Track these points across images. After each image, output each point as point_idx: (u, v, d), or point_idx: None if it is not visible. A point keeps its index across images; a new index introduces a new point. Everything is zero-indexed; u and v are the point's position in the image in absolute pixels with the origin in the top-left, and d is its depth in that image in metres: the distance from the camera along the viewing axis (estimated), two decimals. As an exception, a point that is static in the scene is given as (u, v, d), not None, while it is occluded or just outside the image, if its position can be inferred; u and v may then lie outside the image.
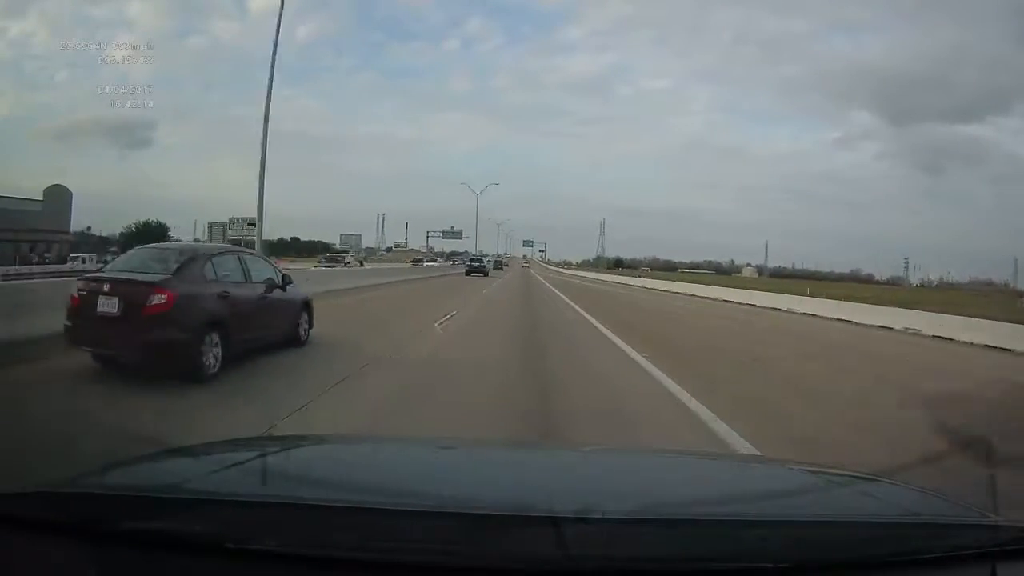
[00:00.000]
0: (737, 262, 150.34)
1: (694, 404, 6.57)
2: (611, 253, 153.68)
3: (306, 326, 9.47)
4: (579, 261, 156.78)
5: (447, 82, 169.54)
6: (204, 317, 6.74)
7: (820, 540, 1.19)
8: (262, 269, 8.78)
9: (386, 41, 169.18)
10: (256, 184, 19.02)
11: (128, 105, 19.89)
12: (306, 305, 9.57)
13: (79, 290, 6.68)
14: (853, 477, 1.71)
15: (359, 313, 15.15)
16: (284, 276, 9.26)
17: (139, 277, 6.72)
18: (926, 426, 5.97)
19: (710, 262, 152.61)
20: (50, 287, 9.20)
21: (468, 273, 49.45)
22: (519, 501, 1.37)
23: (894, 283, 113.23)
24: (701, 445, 4.89)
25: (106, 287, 6.51)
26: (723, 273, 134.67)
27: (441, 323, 13.37)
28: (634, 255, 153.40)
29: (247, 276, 8.15)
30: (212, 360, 6.70)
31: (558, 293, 30.40)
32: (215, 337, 6.77)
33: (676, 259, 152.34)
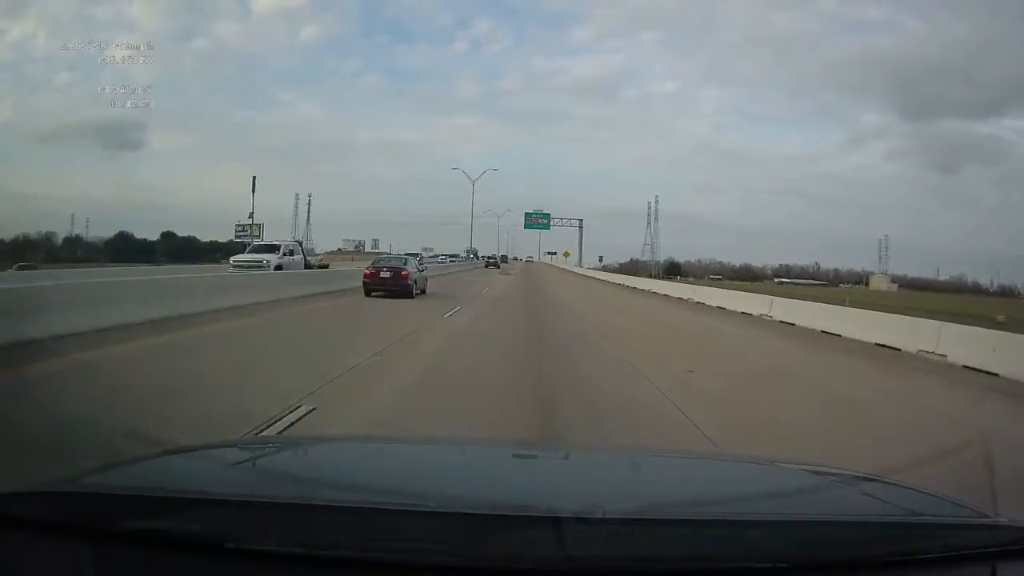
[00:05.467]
0: (818, 266, 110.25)
1: None
2: (637, 254, 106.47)
3: (427, 285, 23.95)
4: (594, 266, 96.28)
5: (454, 84, 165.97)
6: (414, 278, 21.44)
7: (820, 540, 1.19)
8: (419, 264, 25.63)
9: (392, 43, 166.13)
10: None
11: (128, 105, 20.47)
12: (427, 279, 24.81)
13: (370, 269, 21.44)
14: (853, 477, 1.71)
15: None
16: (424, 267, 27.69)
17: (394, 264, 21.87)
18: None
19: (788, 267, 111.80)
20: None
21: (486, 266, 70.65)
22: (520, 501, 1.37)
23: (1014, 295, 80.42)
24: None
25: (384, 267, 21.39)
26: (827, 283, 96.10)
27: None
28: (684, 259, 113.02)
29: (416, 267, 23.27)
30: (415, 292, 21.15)
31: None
32: (415, 286, 21.39)
33: (724, 260, 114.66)
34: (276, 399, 5.83)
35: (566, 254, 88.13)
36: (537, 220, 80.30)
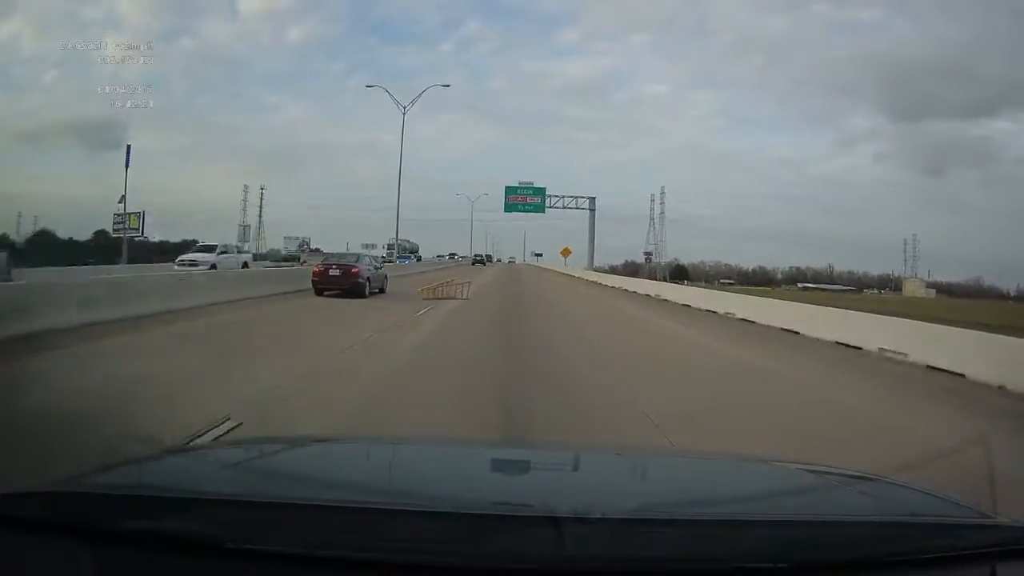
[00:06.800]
0: (835, 268, 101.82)
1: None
2: (625, 256, 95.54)
3: (387, 284, 22.57)
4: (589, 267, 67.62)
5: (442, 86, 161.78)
6: (366, 276, 20.04)
7: (820, 540, 1.19)
8: (375, 261, 25.34)
9: (380, 44, 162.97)
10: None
11: (128, 105, 20.11)
12: (386, 276, 23.05)
13: (319, 267, 20.20)
14: (853, 477, 1.71)
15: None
16: (382, 264, 27.88)
17: (345, 262, 20.35)
18: None
19: (800, 270, 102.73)
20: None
21: (473, 264, 72.42)
22: (519, 501, 1.37)
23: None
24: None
25: (333, 264, 20.05)
26: (854, 288, 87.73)
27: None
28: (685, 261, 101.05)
29: (372, 263, 22.68)
30: (367, 292, 19.73)
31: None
32: (368, 284, 19.95)
33: (727, 263, 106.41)
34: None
35: (565, 252, 60.87)
36: (524, 199, 54.58)
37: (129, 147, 31.16)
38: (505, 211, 57.07)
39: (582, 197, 59.10)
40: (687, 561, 1.10)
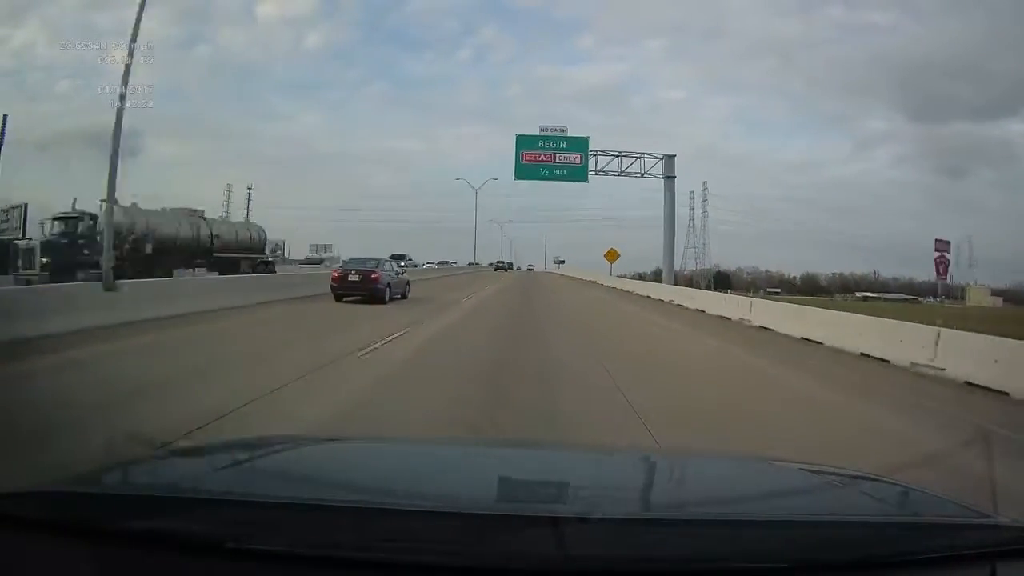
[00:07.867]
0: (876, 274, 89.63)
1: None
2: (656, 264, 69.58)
3: (409, 289, 22.53)
4: (669, 277, 35.94)
5: (458, 93, 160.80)
6: (387, 281, 20.05)
7: (820, 540, 1.19)
8: (396, 267, 23.23)
9: (397, 52, 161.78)
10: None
11: (128, 105, 19.47)
12: (408, 282, 23.07)
13: (338, 272, 20.29)
14: (853, 477, 1.71)
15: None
16: (403, 270, 26.00)
17: (365, 267, 19.99)
18: None
19: (844, 276, 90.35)
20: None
21: (496, 270, 74.76)
22: (519, 501, 1.37)
23: None
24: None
25: (352, 270, 19.83)
26: (909, 293, 74.61)
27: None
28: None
29: (393, 269, 21.90)
30: (388, 297, 19.75)
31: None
32: (389, 289, 20.02)
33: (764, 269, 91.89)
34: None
35: (611, 255, 41.67)
36: (551, 159, 33.68)
37: (5, 117, 24.79)
38: (516, 178, 34.71)
39: (650, 156, 35.00)
40: (687, 561, 1.10)
